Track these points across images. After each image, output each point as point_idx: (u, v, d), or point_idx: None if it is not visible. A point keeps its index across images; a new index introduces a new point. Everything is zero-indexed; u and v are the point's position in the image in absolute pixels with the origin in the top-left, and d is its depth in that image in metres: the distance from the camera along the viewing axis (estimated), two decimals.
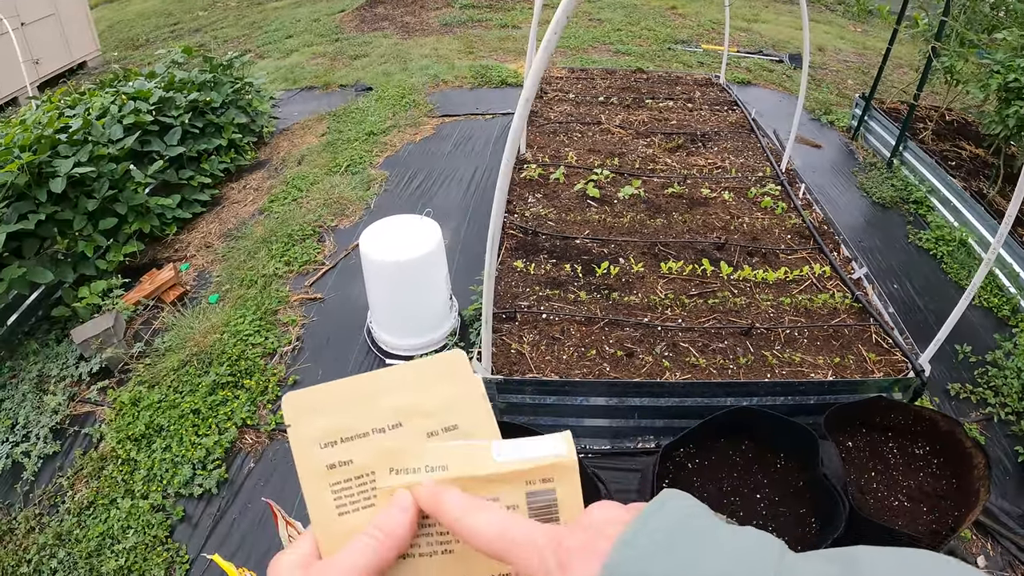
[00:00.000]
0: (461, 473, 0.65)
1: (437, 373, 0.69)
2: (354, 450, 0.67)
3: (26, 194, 5.16)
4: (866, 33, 13.25)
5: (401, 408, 0.68)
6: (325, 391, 0.68)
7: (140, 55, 12.69)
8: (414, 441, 0.68)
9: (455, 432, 0.68)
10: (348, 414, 0.68)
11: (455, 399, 0.69)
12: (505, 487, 0.65)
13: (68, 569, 3.64)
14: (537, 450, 0.65)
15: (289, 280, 5.58)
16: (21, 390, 4.73)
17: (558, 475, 0.65)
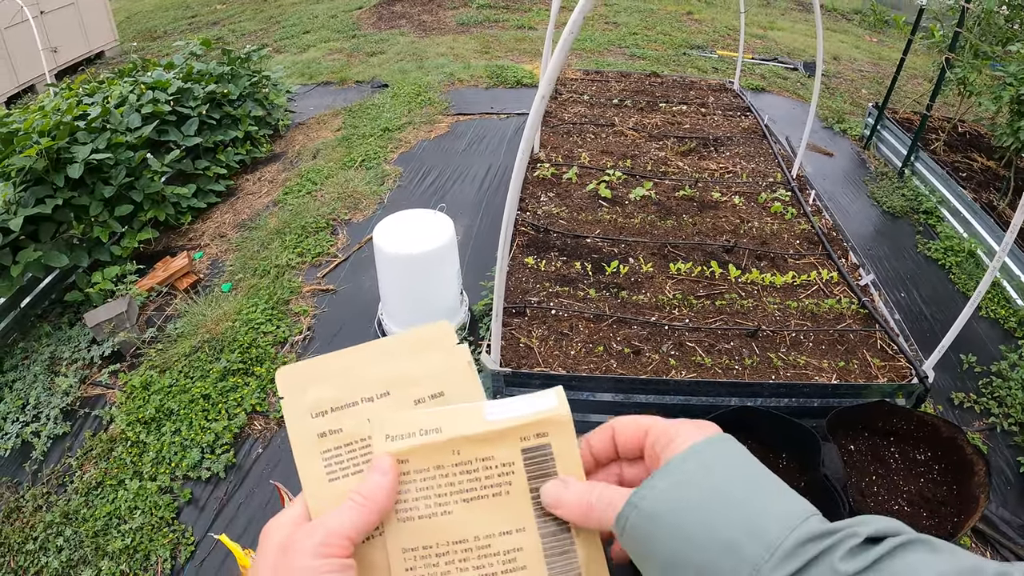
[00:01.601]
0: (455, 434, 0.66)
1: (423, 343, 0.72)
2: (344, 419, 0.70)
3: (44, 179, 5.22)
4: (881, 43, 13.26)
5: (389, 378, 0.71)
6: (316, 364, 0.71)
7: (157, 46, 12.77)
8: (402, 408, 0.70)
9: (442, 399, 0.70)
10: (338, 385, 0.70)
11: (441, 368, 0.71)
12: (499, 445, 0.66)
13: (74, 547, 3.68)
14: (529, 406, 0.67)
15: (302, 271, 5.63)
16: (33, 371, 4.78)
17: (552, 429, 0.66)
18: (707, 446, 0.65)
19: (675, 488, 0.61)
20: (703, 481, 0.61)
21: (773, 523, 0.58)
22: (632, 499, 0.62)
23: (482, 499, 0.66)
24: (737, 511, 0.59)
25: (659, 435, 0.67)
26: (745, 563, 0.56)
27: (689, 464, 0.63)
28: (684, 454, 0.63)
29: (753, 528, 0.57)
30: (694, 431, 0.66)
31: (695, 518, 0.59)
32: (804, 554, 0.56)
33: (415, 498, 0.66)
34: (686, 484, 0.61)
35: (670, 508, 0.60)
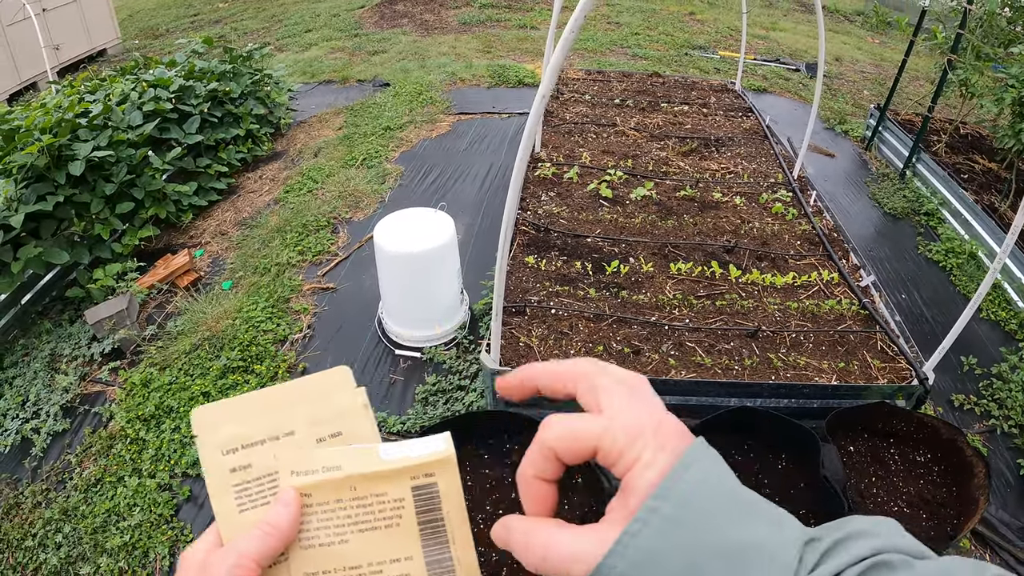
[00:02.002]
0: (352, 471, 0.72)
1: (324, 386, 0.77)
2: (252, 456, 0.75)
3: (45, 176, 5.22)
4: (884, 44, 13.26)
5: (294, 418, 0.76)
6: (227, 405, 0.76)
7: (160, 44, 12.78)
8: (305, 446, 0.75)
9: (340, 438, 0.76)
10: (247, 424, 0.75)
11: (341, 409, 0.76)
12: (392, 482, 0.72)
13: (73, 544, 3.69)
14: (419, 449, 0.72)
15: (302, 269, 5.63)
16: (33, 368, 4.79)
17: (438, 469, 0.72)
18: (675, 487, 0.58)
19: (638, 564, 0.57)
20: (675, 544, 0.57)
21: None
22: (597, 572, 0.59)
23: (375, 530, 0.73)
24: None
25: (614, 455, 0.62)
26: None
27: (649, 534, 0.57)
28: (642, 515, 0.58)
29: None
30: (655, 452, 0.60)
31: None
32: None
33: (316, 528, 0.73)
34: (653, 555, 0.57)
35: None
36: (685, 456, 0.59)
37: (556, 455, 0.65)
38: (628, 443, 0.60)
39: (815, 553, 0.58)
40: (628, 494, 0.60)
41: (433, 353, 4.68)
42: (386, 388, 4.52)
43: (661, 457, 0.59)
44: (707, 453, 0.60)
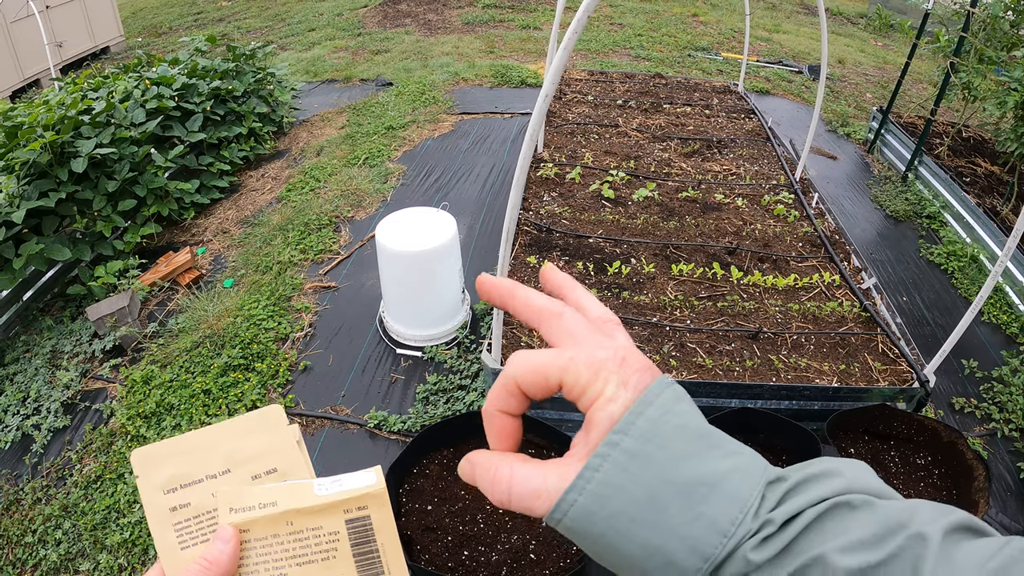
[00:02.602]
0: (288, 507, 0.74)
1: (257, 425, 0.80)
2: (191, 494, 0.78)
3: (48, 172, 5.22)
4: (887, 47, 13.25)
5: (229, 457, 0.79)
6: (166, 445, 0.79)
7: (163, 42, 12.79)
8: (241, 483, 0.79)
9: (275, 475, 0.80)
10: (186, 464, 0.78)
11: (273, 446, 0.80)
12: (327, 516, 0.75)
13: (72, 540, 3.69)
14: (351, 483, 0.75)
15: (304, 268, 5.64)
16: (34, 364, 4.79)
17: (371, 502, 0.74)
18: (637, 422, 0.58)
19: (600, 497, 0.58)
20: (635, 477, 0.57)
21: (710, 534, 0.56)
22: (553, 516, 0.60)
23: (312, 563, 0.76)
24: (672, 521, 0.56)
25: (579, 391, 0.61)
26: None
27: (609, 468, 0.57)
28: (603, 449, 0.58)
29: (688, 541, 0.56)
30: (617, 387, 0.60)
31: (627, 532, 0.57)
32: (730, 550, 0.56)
33: (255, 563, 0.75)
34: (614, 489, 0.57)
35: (598, 520, 0.58)
36: (648, 392, 0.59)
37: (521, 389, 0.65)
38: (591, 377, 0.60)
39: (777, 492, 0.58)
40: (590, 429, 0.60)
41: (434, 352, 4.68)
42: (387, 387, 4.52)
43: (623, 393, 0.59)
44: (671, 389, 0.60)
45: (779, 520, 0.56)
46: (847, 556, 0.53)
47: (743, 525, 0.56)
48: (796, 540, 0.56)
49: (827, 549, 0.54)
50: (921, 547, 0.52)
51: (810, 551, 0.55)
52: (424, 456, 3.25)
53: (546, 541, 2.85)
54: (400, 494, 3.08)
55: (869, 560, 0.52)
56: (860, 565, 0.52)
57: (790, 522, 0.56)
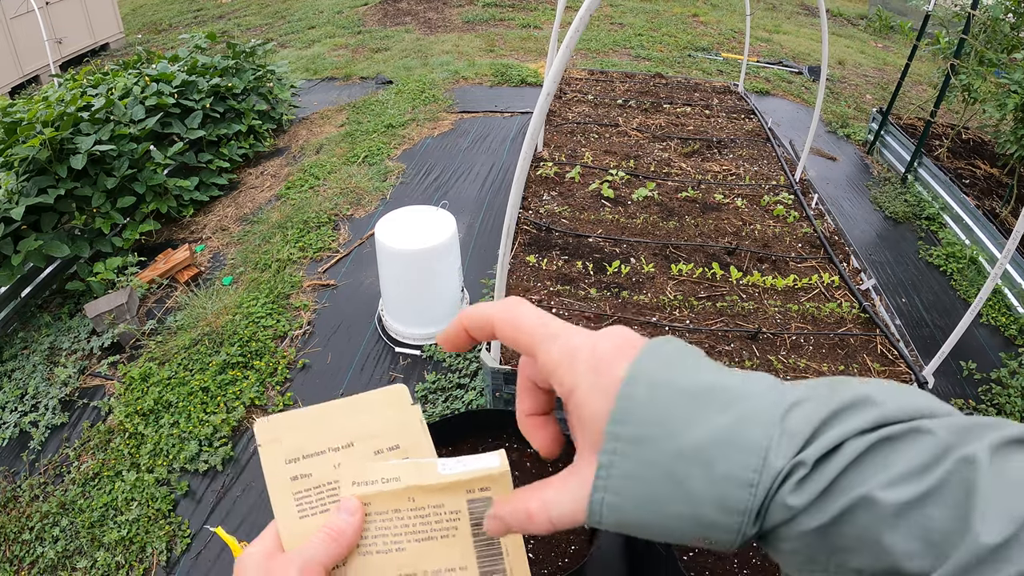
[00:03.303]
0: (411, 483, 0.76)
1: (383, 402, 0.82)
2: (313, 465, 0.80)
3: (47, 169, 5.22)
4: (887, 49, 13.25)
5: (353, 431, 0.81)
6: (290, 417, 0.81)
7: (163, 39, 12.78)
8: (363, 458, 0.81)
9: (397, 451, 0.81)
10: (309, 436, 0.81)
11: (398, 424, 0.82)
12: (449, 495, 0.76)
13: (70, 538, 3.69)
14: (475, 463, 0.76)
15: (303, 266, 5.63)
16: (32, 361, 4.79)
17: (494, 484, 0.75)
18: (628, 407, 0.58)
19: (621, 491, 0.58)
20: (647, 461, 0.57)
21: (735, 489, 0.54)
22: (591, 519, 0.61)
23: (431, 540, 0.77)
24: (696, 489, 0.55)
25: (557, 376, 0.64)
26: (728, 533, 0.56)
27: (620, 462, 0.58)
28: (608, 445, 0.58)
29: (717, 503, 0.55)
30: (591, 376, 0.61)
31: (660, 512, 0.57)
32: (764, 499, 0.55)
33: (374, 536, 0.77)
34: (632, 480, 0.57)
35: (629, 511, 0.59)
36: (629, 374, 0.59)
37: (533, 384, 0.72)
38: (567, 368, 0.63)
39: (802, 422, 0.55)
40: (584, 426, 0.62)
41: (433, 351, 4.68)
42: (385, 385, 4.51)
43: (601, 381, 0.60)
44: (653, 360, 0.60)
45: (811, 460, 0.54)
46: (893, 490, 0.50)
47: (766, 471, 0.54)
48: (836, 481, 0.53)
49: (871, 487, 0.51)
50: (970, 470, 0.49)
51: (852, 491, 0.52)
52: None
53: (544, 540, 2.85)
54: None
55: (917, 491, 0.50)
56: (908, 497, 0.50)
57: (824, 460, 0.54)
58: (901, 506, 0.50)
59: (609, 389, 0.59)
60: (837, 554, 0.53)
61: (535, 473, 3.05)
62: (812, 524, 0.53)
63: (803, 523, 0.54)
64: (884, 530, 0.50)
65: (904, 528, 0.49)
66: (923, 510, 0.49)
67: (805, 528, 0.54)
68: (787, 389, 0.58)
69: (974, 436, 0.51)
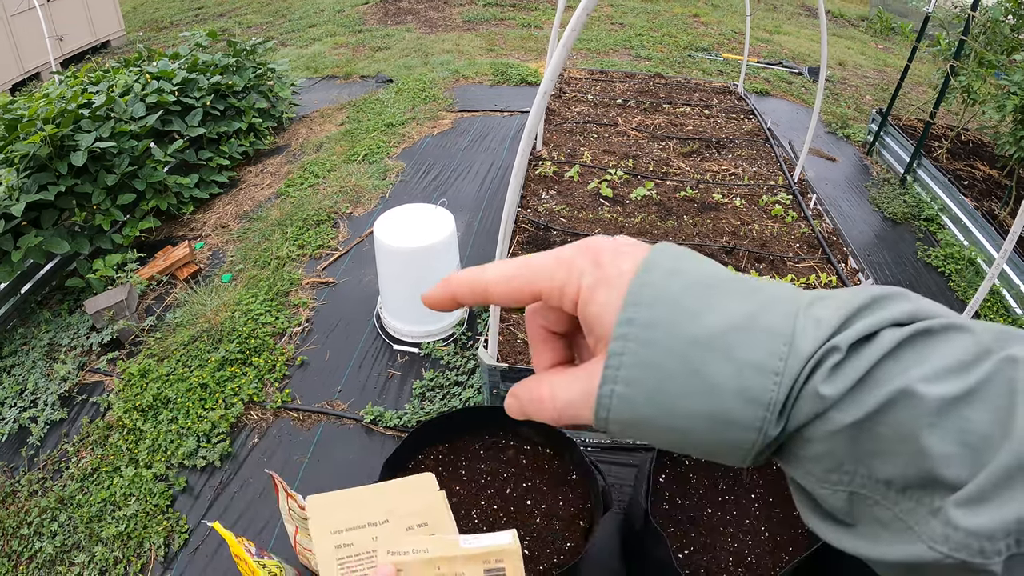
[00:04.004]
0: (438, 554, 0.88)
1: (414, 487, 0.98)
2: (354, 537, 0.94)
3: (47, 166, 5.23)
4: (887, 50, 13.25)
5: (388, 509, 0.96)
6: (337, 496, 0.97)
7: (163, 37, 12.79)
8: (397, 532, 0.95)
9: (425, 528, 0.96)
10: (351, 512, 0.95)
11: (426, 505, 0.97)
12: (469, 565, 0.88)
13: (68, 532, 3.70)
14: (491, 540, 0.90)
15: (302, 263, 5.64)
16: (31, 357, 4.80)
17: (507, 557, 0.89)
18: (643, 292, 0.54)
19: (634, 381, 0.53)
20: (662, 347, 0.52)
21: (758, 377, 0.50)
22: (599, 416, 0.55)
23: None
24: (715, 378, 0.50)
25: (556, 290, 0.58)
26: (748, 432, 0.51)
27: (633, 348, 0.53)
28: (619, 331, 0.53)
29: (739, 394, 0.50)
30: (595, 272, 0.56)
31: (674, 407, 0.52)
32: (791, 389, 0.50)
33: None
34: (645, 368, 0.52)
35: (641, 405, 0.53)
36: (645, 262, 0.55)
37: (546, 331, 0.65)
38: (565, 274, 0.58)
39: (828, 313, 0.51)
40: (591, 325, 0.57)
41: (431, 349, 4.69)
42: (383, 383, 4.53)
43: (601, 273, 0.56)
44: (664, 254, 0.56)
45: (845, 345, 0.49)
46: (936, 385, 0.46)
47: (793, 356, 0.49)
48: (872, 370, 0.48)
49: (912, 379, 0.47)
50: (1015, 369, 0.45)
51: (891, 382, 0.47)
52: (419, 452, 3.26)
53: (541, 537, 2.86)
54: None
55: (961, 387, 0.45)
56: (954, 392, 0.45)
57: (860, 347, 0.49)
58: (944, 402, 0.45)
59: (614, 282, 0.55)
60: (868, 460, 0.49)
61: (532, 469, 3.06)
62: (846, 420, 0.48)
63: (835, 419, 0.49)
64: (924, 429, 0.46)
65: (945, 427, 0.45)
66: (965, 410, 0.45)
67: (837, 425, 0.49)
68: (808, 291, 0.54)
69: (1016, 340, 0.48)
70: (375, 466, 3.05)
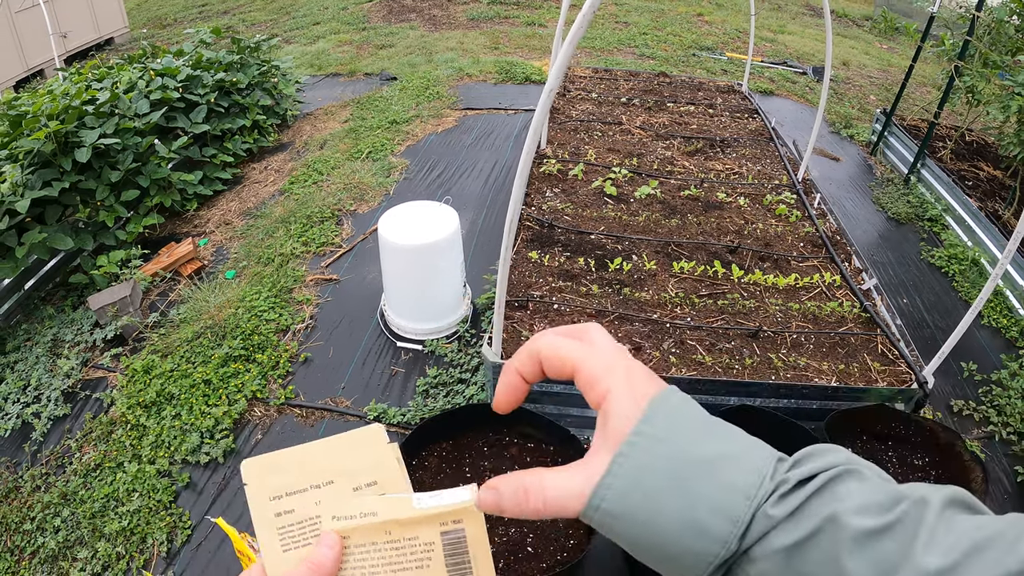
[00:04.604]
0: (388, 517, 0.81)
1: (361, 442, 0.87)
2: (295, 502, 0.85)
3: (51, 162, 5.23)
4: (892, 50, 13.24)
5: (333, 469, 0.86)
6: (273, 457, 0.86)
7: (167, 34, 12.80)
8: (343, 495, 0.85)
9: (375, 487, 0.85)
10: (292, 475, 0.85)
11: (375, 462, 0.86)
12: (423, 527, 0.81)
13: (71, 528, 3.70)
14: (448, 498, 0.81)
15: (306, 260, 5.64)
16: (35, 353, 4.80)
17: (466, 517, 0.81)
18: (659, 411, 0.67)
19: (634, 479, 0.64)
20: (661, 457, 0.64)
21: (735, 498, 0.62)
22: (591, 504, 0.66)
23: (407, 570, 0.82)
24: (701, 491, 0.62)
25: (591, 382, 0.70)
26: (714, 544, 0.61)
27: (639, 453, 0.65)
28: (632, 439, 0.66)
29: (717, 506, 0.62)
30: (625, 387, 0.68)
31: (661, 508, 0.63)
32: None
33: (353, 567, 0.82)
34: (645, 470, 0.64)
35: (633, 501, 0.64)
36: (661, 394, 0.68)
37: (540, 361, 0.74)
38: (602, 374, 0.69)
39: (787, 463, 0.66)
40: (607, 424, 0.68)
41: (434, 346, 4.69)
42: (387, 380, 4.53)
43: (629, 390, 0.68)
44: (678, 395, 0.70)
45: (793, 480, 0.63)
46: (860, 517, 0.58)
47: (762, 488, 0.62)
48: (810, 499, 0.61)
49: (840, 510, 0.59)
50: (923, 510, 0.57)
51: (824, 511, 0.60)
52: (423, 449, 3.27)
53: (544, 535, 2.86)
54: None
55: (879, 523, 0.57)
56: (872, 526, 0.57)
57: (804, 484, 0.62)
58: (865, 533, 0.57)
59: (638, 399, 0.67)
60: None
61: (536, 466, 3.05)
62: (785, 541, 0.60)
63: (777, 540, 0.61)
64: (844, 554, 0.57)
65: (862, 554, 0.56)
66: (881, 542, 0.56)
67: (778, 546, 0.60)
68: None
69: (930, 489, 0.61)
70: None
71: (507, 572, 2.75)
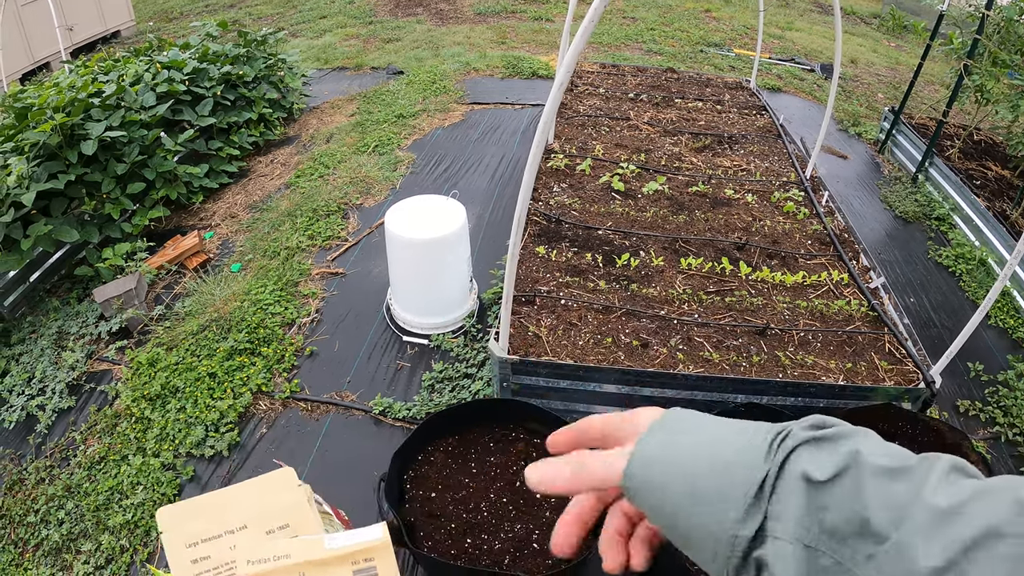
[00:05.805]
0: (301, 559, 0.84)
1: (272, 486, 0.89)
2: (211, 548, 0.89)
3: (57, 154, 5.23)
4: (900, 48, 13.19)
5: (246, 514, 0.89)
6: (189, 504, 0.91)
7: (174, 27, 12.79)
8: (257, 538, 0.85)
9: (287, 530, 0.90)
10: (207, 521, 0.88)
11: (287, 505, 0.91)
12: (336, 567, 0.84)
13: (75, 521, 3.70)
14: (359, 536, 0.85)
15: (312, 254, 5.64)
16: (40, 345, 4.80)
17: (377, 554, 0.85)
18: (674, 414, 0.77)
19: (662, 444, 0.74)
20: (681, 437, 0.74)
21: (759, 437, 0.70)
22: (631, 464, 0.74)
23: None
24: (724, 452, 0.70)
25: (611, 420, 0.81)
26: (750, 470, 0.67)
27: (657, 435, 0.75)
28: (648, 432, 0.75)
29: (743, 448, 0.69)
30: (643, 409, 0.80)
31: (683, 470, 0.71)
32: None
33: None
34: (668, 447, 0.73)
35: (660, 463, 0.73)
36: (672, 410, 0.78)
37: None
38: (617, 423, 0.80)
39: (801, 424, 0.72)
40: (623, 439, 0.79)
41: (441, 340, 4.68)
42: (392, 374, 4.52)
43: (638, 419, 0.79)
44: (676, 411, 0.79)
45: (817, 426, 0.70)
46: (879, 458, 0.64)
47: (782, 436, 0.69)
48: (836, 437, 0.67)
49: (864, 449, 0.65)
50: (933, 464, 0.63)
51: (849, 446, 0.66)
52: (429, 443, 3.26)
53: (549, 531, 2.85)
54: (404, 481, 3.08)
55: (896, 464, 0.63)
56: (890, 465, 0.62)
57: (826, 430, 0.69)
58: (884, 470, 0.62)
59: (644, 422, 0.78)
60: (820, 513, 0.63)
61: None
62: (813, 472, 0.65)
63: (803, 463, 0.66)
64: (866, 487, 0.62)
65: (880, 487, 0.61)
66: (896, 481, 0.61)
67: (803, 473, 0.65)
68: None
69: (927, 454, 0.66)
70: (383, 457, 3.05)
71: (513, 567, 2.74)
